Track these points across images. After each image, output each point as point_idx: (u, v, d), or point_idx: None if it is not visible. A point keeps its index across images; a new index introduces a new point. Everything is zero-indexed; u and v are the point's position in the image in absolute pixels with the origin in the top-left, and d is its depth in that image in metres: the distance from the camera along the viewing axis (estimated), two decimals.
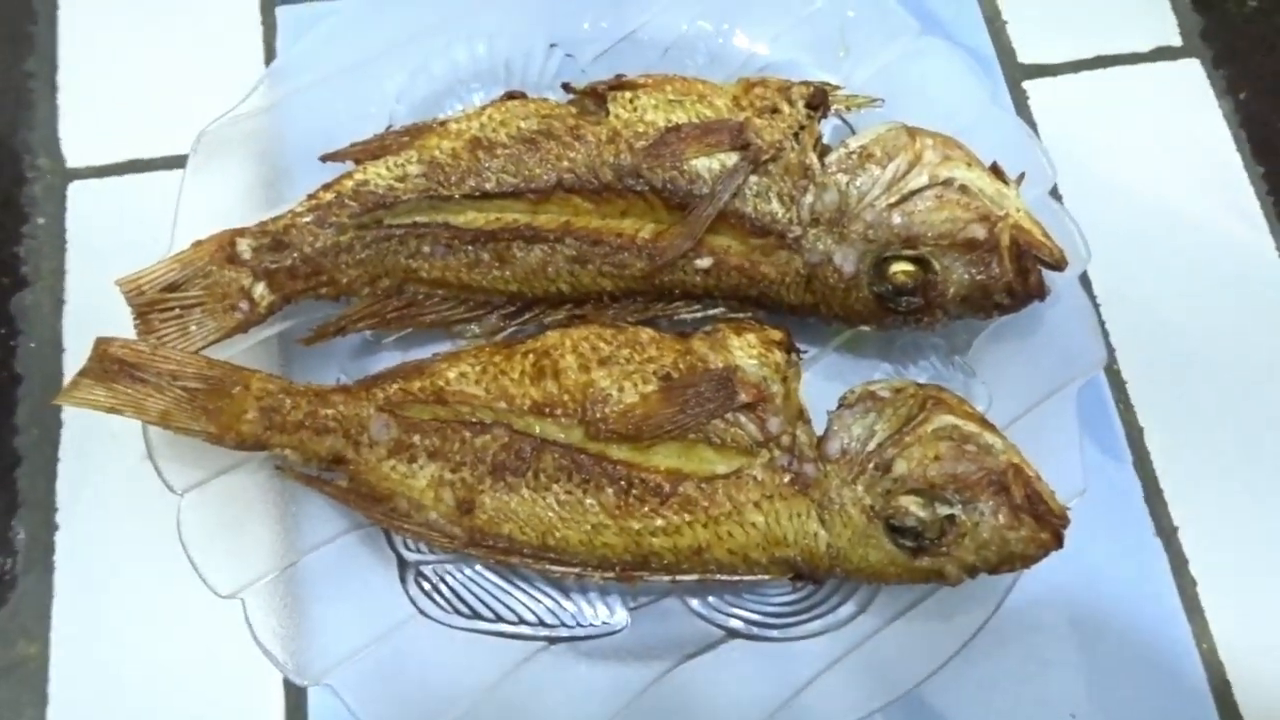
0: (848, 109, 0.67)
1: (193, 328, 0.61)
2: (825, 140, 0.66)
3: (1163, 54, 0.82)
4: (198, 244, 0.62)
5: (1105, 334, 0.73)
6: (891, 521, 0.56)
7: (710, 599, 0.62)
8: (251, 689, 0.63)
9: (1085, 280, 0.74)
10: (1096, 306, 0.74)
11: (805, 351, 0.64)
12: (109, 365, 0.57)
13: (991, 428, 0.58)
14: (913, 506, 0.55)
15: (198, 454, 0.60)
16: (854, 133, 0.70)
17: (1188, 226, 0.77)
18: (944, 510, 0.55)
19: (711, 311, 0.65)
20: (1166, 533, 0.69)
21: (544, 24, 0.73)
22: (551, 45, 0.73)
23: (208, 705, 0.63)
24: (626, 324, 0.63)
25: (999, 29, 0.83)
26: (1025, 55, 0.82)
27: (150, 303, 0.60)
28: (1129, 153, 0.79)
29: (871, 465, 0.57)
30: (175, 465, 0.60)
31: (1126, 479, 0.70)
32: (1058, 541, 0.55)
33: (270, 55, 0.78)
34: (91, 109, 0.77)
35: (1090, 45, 0.82)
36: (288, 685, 0.63)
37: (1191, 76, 0.82)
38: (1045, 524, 0.55)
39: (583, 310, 0.65)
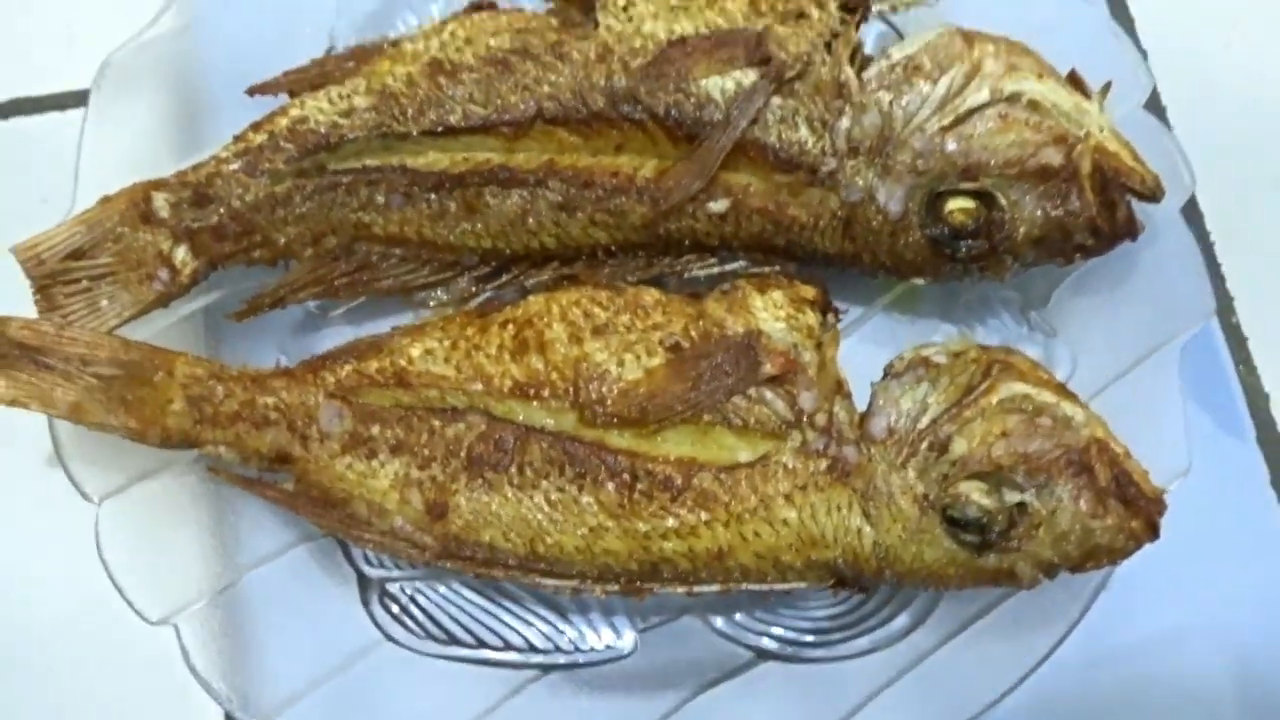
0: (893, 9, 0.73)
1: (104, 302, 0.67)
2: (868, 50, 0.72)
3: None
4: (105, 200, 0.68)
5: (1220, 279, 0.79)
6: (950, 512, 0.61)
7: (736, 615, 0.68)
8: None
9: (1193, 213, 0.79)
10: (1209, 245, 0.80)
11: (845, 311, 0.69)
12: (7, 350, 0.63)
13: (1071, 396, 0.63)
14: (975, 493, 0.61)
15: (114, 454, 0.67)
16: (902, 39, 0.75)
17: None
18: (1013, 497, 0.60)
19: (730, 266, 0.70)
20: None
21: None
22: None
23: None
24: (626, 284, 0.68)
25: None
26: None
27: (52, 274, 0.66)
28: (1256, 52, 0.84)
29: (924, 445, 0.62)
30: (90, 468, 0.67)
31: (1248, 457, 0.76)
32: (1152, 531, 0.60)
33: None
34: None
35: None
36: None
37: None
38: (1136, 510, 0.60)
39: (572, 269, 0.71)
